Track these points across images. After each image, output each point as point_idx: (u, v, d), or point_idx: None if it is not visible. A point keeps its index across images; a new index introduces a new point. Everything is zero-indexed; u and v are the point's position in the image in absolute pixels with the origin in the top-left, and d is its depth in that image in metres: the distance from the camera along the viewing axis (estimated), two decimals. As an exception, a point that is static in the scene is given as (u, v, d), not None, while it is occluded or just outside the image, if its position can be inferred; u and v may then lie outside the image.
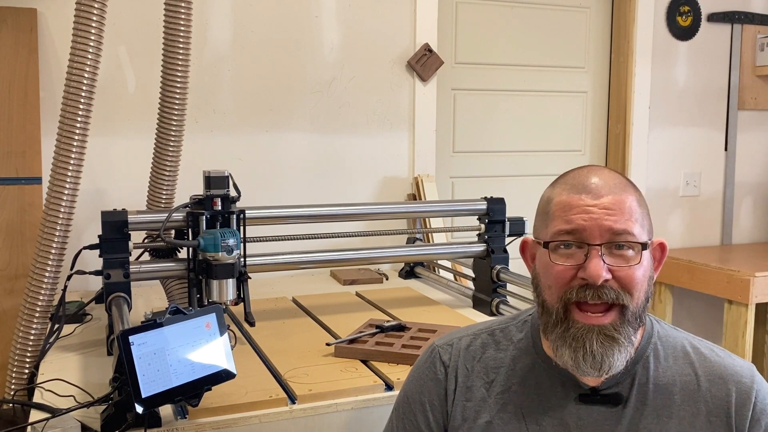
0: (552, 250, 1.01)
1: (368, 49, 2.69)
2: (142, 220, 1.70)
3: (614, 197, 1.00)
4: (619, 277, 0.98)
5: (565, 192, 1.03)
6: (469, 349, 1.12)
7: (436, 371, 1.12)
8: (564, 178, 1.07)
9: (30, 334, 1.71)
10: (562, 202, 1.02)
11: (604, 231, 0.98)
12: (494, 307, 1.97)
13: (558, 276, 1.00)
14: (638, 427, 1.03)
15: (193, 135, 2.35)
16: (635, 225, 1.00)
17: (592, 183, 1.01)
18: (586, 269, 0.98)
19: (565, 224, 1.00)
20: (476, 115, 3.02)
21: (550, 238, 1.02)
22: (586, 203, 1.00)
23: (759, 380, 1.05)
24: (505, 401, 1.08)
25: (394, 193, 2.77)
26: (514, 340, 1.12)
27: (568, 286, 1.00)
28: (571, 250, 1.00)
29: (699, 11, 3.22)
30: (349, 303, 2.12)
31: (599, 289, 0.98)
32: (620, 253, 0.99)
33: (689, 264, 3.03)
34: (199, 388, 1.22)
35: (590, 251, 0.98)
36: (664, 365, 1.06)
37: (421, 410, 1.12)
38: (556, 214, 1.02)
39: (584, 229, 0.99)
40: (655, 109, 3.21)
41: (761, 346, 3.27)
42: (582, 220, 0.99)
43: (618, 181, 1.03)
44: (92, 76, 1.70)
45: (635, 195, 1.03)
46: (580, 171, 1.06)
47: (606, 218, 0.99)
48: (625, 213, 0.99)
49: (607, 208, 0.99)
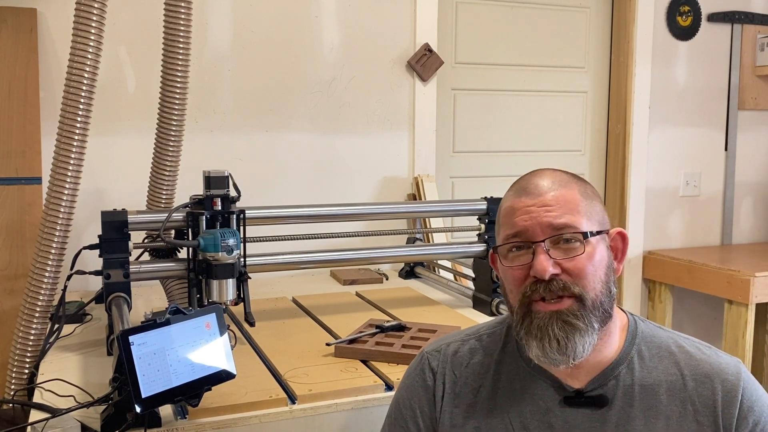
0: (503, 255, 1.06)
1: (368, 49, 2.69)
2: (142, 220, 1.70)
3: (553, 194, 1.03)
4: (567, 269, 1.00)
5: (510, 198, 1.07)
6: (457, 356, 1.14)
7: (425, 378, 1.13)
8: (512, 185, 1.10)
9: (30, 334, 1.71)
10: (507, 208, 1.07)
11: (544, 227, 1.01)
12: (494, 307, 1.97)
13: (513, 278, 1.04)
14: (625, 428, 1.03)
15: (193, 135, 2.35)
16: (579, 217, 1.02)
17: (532, 184, 1.05)
18: (534, 267, 1.00)
19: (510, 228, 1.04)
20: (476, 115, 3.02)
21: (500, 244, 1.06)
22: (526, 204, 1.04)
23: (745, 376, 1.04)
24: (492, 406, 1.08)
25: (394, 193, 2.77)
26: (501, 344, 1.13)
27: (522, 284, 1.02)
28: (520, 252, 1.03)
29: (699, 11, 3.22)
30: (349, 303, 2.12)
31: (549, 283, 1.00)
32: (567, 246, 1.01)
33: (689, 264, 3.03)
34: (199, 388, 1.22)
35: (536, 249, 1.01)
36: (649, 365, 1.06)
37: (411, 416, 1.13)
38: (503, 221, 1.07)
39: (526, 229, 1.02)
40: (655, 109, 3.21)
41: (761, 346, 3.27)
42: (523, 221, 1.03)
43: (560, 178, 1.06)
44: (92, 76, 1.70)
45: (578, 188, 1.05)
46: (525, 176, 1.09)
47: (545, 215, 1.02)
48: (565, 206, 1.02)
49: (547, 205, 1.02)
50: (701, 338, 1.12)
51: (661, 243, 3.29)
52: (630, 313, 1.12)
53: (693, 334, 1.13)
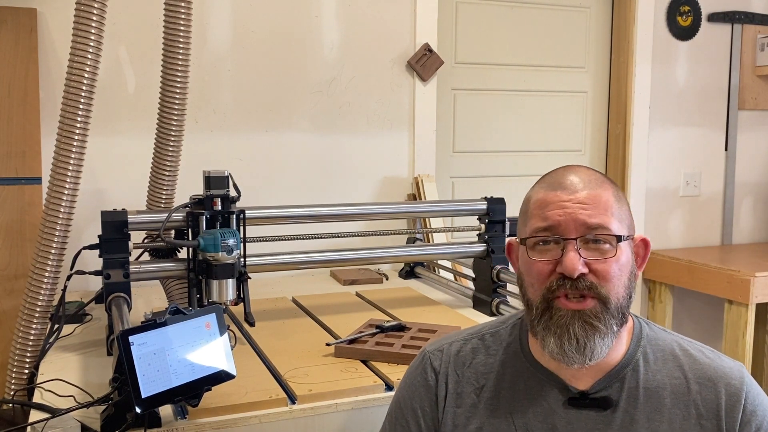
0: (530, 247, 1.03)
1: (368, 49, 2.69)
2: (142, 220, 1.69)
3: (589, 192, 1.02)
4: (595, 270, 1.00)
5: (542, 190, 1.05)
6: (459, 355, 1.13)
7: (427, 377, 1.13)
8: (543, 178, 1.09)
9: (30, 334, 1.71)
10: (539, 200, 1.04)
11: (579, 225, 1.00)
12: (494, 308, 1.97)
13: (538, 272, 1.02)
14: (629, 431, 1.02)
15: (193, 135, 2.35)
16: (611, 219, 1.01)
17: (568, 180, 1.04)
18: (563, 263, 0.99)
19: (541, 221, 1.02)
20: (476, 115, 3.02)
21: (528, 236, 1.04)
22: (561, 199, 1.02)
23: (748, 381, 1.05)
24: (495, 406, 1.08)
25: (394, 193, 2.77)
26: (504, 344, 1.12)
27: (547, 280, 1.01)
28: (548, 246, 1.02)
29: (699, 11, 3.22)
30: (349, 303, 2.12)
31: (576, 281, 0.99)
32: (596, 247, 1.00)
33: (689, 264, 3.03)
34: (199, 389, 1.22)
35: (566, 245, 1.00)
36: (653, 368, 1.05)
37: (412, 416, 1.12)
38: (533, 212, 1.04)
39: (559, 224, 1.00)
40: (655, 109, 3.21)
41: (761, 346, 3.27)
42: (557, 215, 1.01)
43: (595, 177, 1.05)
44: (92, 76, 1.70)
45: (612, 190, 1.04)
46: (558, 170, 1.08)
47: (581, 212, 1.00)
48: (600, 207, 1.01)
49: (582, 203, 1.01)
50: (701, 338, 1.12)
51: (661, 243, 3.29)
52: (634, 315, 1.11)
53: (693, 333, 1.13)
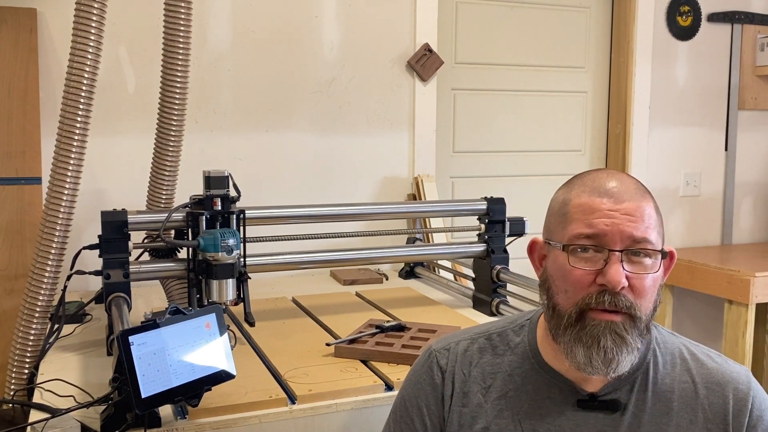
0: (570, 253, 0.99)
1: (368, 49, 2.69)
2: (142, 220, 1.69)
3: (635, 203, 0.99)
4: (633, 285, 0.97)
5: (585, 194, 1.01)
6: (466, 354, 1.12)
7: (434, 376, 1.12)
8: (581, 179, 1.04)
9: (30, 334, 1.71)
10: (582, 204, 1.00)
11: (625, 237, 0.97)
12: (494, 308, 1.97)
13: (577, 280, 0.98)
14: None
15: (193, 135, 2.35)
16: (653, 233, 0.99)
17: (613, 187, 1.00)
18: (606, 275, 0.96)
19: (586, 228, 0.98)
20: (476, 115, 3.02)
21: (569, 241, 1.00)
22: (608, 207, 0.98)
23: (755, 386, 1.05)
24: (501, 407, 1.07)
25: (394, 193, 2.77)
26: (512, 345, 1.11)
27: (586, 291, 0.98)
28: (588, 254, 0.98)
29: (699, 11, 3.22)
30: (349, 303, 2.12)
31: (616, 295, 0.96)
32: (637, 260, 0.98)
33: (689, 264, 3.03)
34: (198, 389, 1.22)
35: (611, 257, 0.97)
36: (662, 372, 1.05)
37: (418, 414, 1.11)
38: (576, 217, 1.00)
39: (605, 234, 0.97)
40: (655, 109, 3.21)
41: (761, 346, 3.27)
42: (604, 224, 0.97)
43: (637, 186, 1.02)
44: (92, 76, 1.70)
45: (653, 202, 1.02)
46: (598, 174, 1.04)
47: (627, 224, 0.97)
48: (644, 220, 0.98)
49: (629, 214, 0.98)
50: (701, 338, 1.12)
51: (661, 243, 3.28)
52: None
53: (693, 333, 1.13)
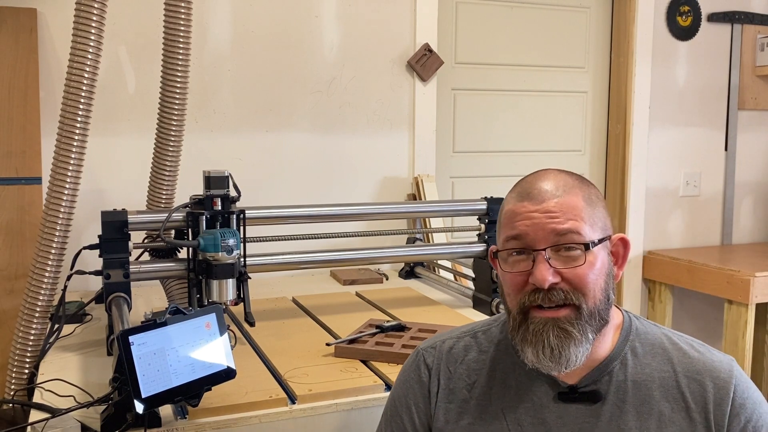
0: (503, 259, 1.05)
1: (368, 49, 2.69)
2: (142, 220, 1.70)
3: (557, 200, 1.01)
4: (568, 279, 1.00)
5: (512, 201, 1.05)
6: (452, 352, 1.14)
7: (421, 374, 1.14)
8: (516, 185, 1.08)
9: (30, 334, 1.71)
10: (508, 211, 1.05)
11: (547, 234, 1.00)
12: (494, 307, 1.97)
13: (512, 284, 1.03)
14: (618, 424, 1.03)
15: (193, 135, 2.35)
16: (582, 224, 1.01)
17: (536, 189, 1.03)
18: (533, 275, 1.00)
19: (510, 231, 1.03)
20: (476, 115, 3.02)
21: (500, 248, 1.05)
22: (528, 209, 1.02)
23: (738, 374, 1.05)
24: (486, 402, 1.09)
25: (394, 193, 2.77)
26: (495, 341, 1.14)
27: (521, 291, 1.02)
28: (521, 257, 1.02)
29: (699, 11, 3.22)
30: (349, 303, 2.12)
31: (549, 292, 0.99)
32: (568, 255, 1.00)
33: (689, 264, 3.03)
34: (199, 388, 1.22)
35: (536, 257, 1.00)
36: (642, 362, 1.06)
37: (407, 412, 1.13)
38: (504, 223, 1.05)
39: (527, 234, 1.01)
40: (655, 109, 3.21)
41: (761, 346, 3.28)
42: (525, 226, 1.01)
43: (564, 182, 1.04)
44: (92, 76, 1.70)
45: (583, 193, 1.03)
46: (529, 178, 1.07)
47: (548, 222, 1.00)
48: (568, 213, 1.01)
49: (549, 212, 1.01)
50: (701, 338, 1.13)
51: (661, 243, 3.29)
52: (624, 310, 1.12)
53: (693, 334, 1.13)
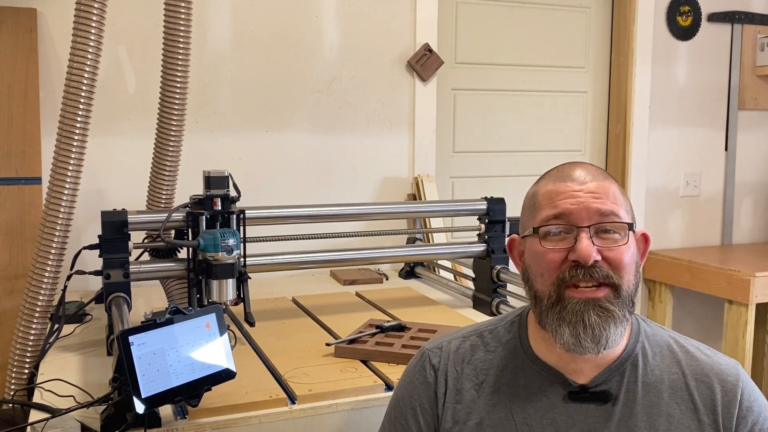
0: (542, 236, 1.04)
1: (368, 49, 2.69)
2: (142, 220, 1.70)
3: (599, 183, 1.04)
4: (608, 258, 1.01)
5: (550, 183, 1.07)
6: (459, 352, 1.13)
7: (426, 375, 1.13)
8: (547, 173, 1.10)
9: (30, 334, 1.71)
10: (548, 191, 1.06)
11: (591, 213, 1.02)
12: (494, 307, 1.97)
13: (550, 261, 1.02)
14: (628, 425, 1.03)
15: (193, 135, 2.35)
16: (620, 208, 1.03)
17: (575, 172, 1.06)
18: (577, 250, 1.00)
19: (552, 209, 1.03)
20: (476, 115, 3.02)
21: (539, 224, 1.04)
22: (572, 189, 1.04)
23: (744, 378, 1.06)
24: (494, 402, 1.08)
25: (394, 193, 2.77)
26: (503, 340, 1.13)
27: (559, 269, 1.02)
28: (560, 236, 1.03)
29: (699, 11, 3.22)
30: (349, 303, 2.12)
31: (590, 268, 1.00)
32: (608, 236, 1.02)
33: (689, 264, 3.03)
34: (199, 388, 1.22)
35: (579, 233, 1.01)
36: (652, 364, 1.07)
37: (412, 414, 1.12)
38: (543, 203, 1.05)
39: (571, 213, 1.02)
40: (655, 109, 3.21)
41: (761, 346, 3.27)
42: (569, 204, 1.03)
43: (599, 171, 1.08)
44: (92, 76, 1.70)
45: (617, 184, 1.07)
46: (562, 165, 1.10)
47: (592, 201, 1.02)
48: (610, 197, 1.03)
49: (593, 192, 1.03)
50: (701, 338, 1.13)
51: (661, 243, 3.29)
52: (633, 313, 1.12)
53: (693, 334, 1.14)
